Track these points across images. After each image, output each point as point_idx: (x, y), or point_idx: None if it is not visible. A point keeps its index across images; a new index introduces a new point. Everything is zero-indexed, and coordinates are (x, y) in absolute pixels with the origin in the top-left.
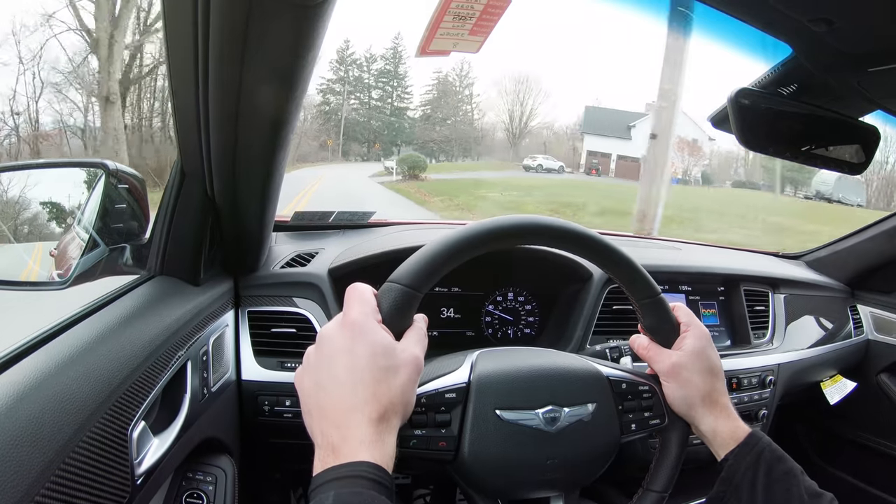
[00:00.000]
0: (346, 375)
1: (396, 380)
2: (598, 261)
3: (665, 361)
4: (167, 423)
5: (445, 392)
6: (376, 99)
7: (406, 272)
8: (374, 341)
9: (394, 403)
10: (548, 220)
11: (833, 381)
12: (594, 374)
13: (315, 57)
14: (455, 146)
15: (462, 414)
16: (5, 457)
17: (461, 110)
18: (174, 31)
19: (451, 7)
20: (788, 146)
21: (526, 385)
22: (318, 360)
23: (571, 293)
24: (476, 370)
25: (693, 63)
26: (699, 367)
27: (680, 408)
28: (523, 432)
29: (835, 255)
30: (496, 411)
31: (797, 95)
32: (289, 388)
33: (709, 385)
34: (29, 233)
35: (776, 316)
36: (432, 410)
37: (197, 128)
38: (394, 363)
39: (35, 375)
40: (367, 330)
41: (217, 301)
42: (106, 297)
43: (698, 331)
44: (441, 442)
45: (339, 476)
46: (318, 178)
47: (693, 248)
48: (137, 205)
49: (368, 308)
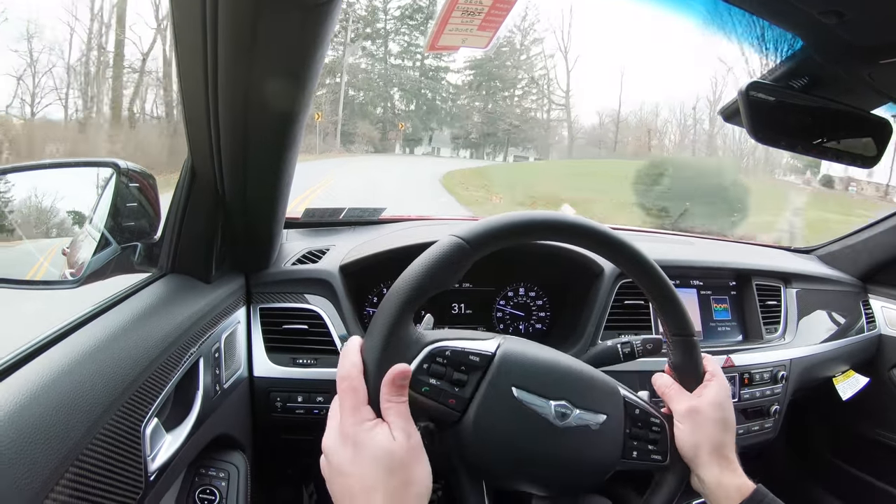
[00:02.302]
0: (360, 490)
1: (409, 476)
2: (646, 283)
3: (683, 403)
4: (180, 420)
5: (470, 353)
6: (396, 55)
7: (468, 228)
8: (374, 444)
9: (412, 496)
10: (607, 230)
11: (845, 376)
12: (612, 389)
13: (323, 55)
14: (519, 137)
15: (479, 380)
16: (20, 454)
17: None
18: (183, 30)
19: (459, 3)
20: (800, 139)
21: (546, 374)
22: (332, 474)
23: (583, 288)
24: (503, 347)
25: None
26: (715, 416)
27: (687, 451)
28: (531, 417)
29: (847, 249)
30: (512, 388)
31: (808, 88)
32: (301, 384)
33: (721, 437)
34: (41, 232)
35: (788, 311)
36: (452, 367)
37: (207, 127)
38: (399, 456)
39: (48, 373)
40: (361, 442)
41: (229, 298)
42: (118, 295)
43: (722, 382)
44: (451, 399)
45: None
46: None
47: (705, 243)
48: (149, 203)
49: (358, 405)
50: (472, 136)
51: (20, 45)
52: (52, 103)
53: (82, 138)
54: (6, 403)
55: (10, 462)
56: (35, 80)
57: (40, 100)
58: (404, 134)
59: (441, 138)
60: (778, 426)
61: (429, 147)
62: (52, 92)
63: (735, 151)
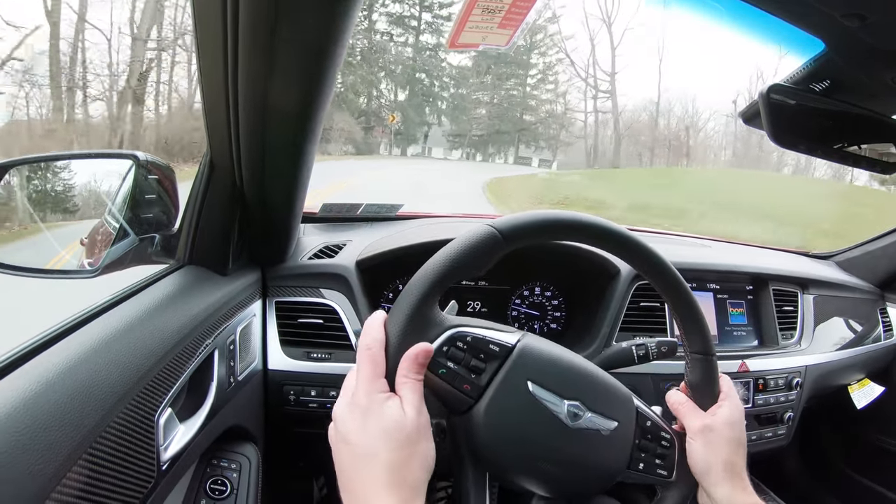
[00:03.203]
0: (363, 457)
1: (411, 447)
2: (673, 299)
3: (697, 421)
4: (193, 411)
5: (491, 342)
6: (385, 31)
7: (503, 220)
8: (384, 416)
9: (415, 472)
10: (647, 245)
11: (861, 384)
12: (627, 397)
13: (343, 49)
14: (534, 136)
15: (496, 369)
16: (34, 440)
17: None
18: (203, 24)
19: (479, 1)
20: (820, 144)
21: (563, 373)
22: (338, 440)
23: (599, 288)
24: (524, 341)
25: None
26: (729, 436)
27: (699, 468)
28: (543, 413)
29: (866, 256)
30: (528, 382)
31: (830, 92)
32: (315, 378)
33: (733, 456)
34: (60, 221)
35: (805, 317)
36: (471, 353)
37: (226, 119)
38: (406, 432)
39: (64, 362)
40: (371, 411)
41: (245, 291)
42: (135, 285)
43: (736, 402)
44: (466, 385)
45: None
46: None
47: (722, 246)
48: (167, 195)
49: (375, 376)
50: (476, 134)
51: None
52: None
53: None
54: (22, 390)
55: (25, 448)
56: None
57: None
58: (394, 129)
59: (436, 136)
60: (791, 433)
61: (421, 146)
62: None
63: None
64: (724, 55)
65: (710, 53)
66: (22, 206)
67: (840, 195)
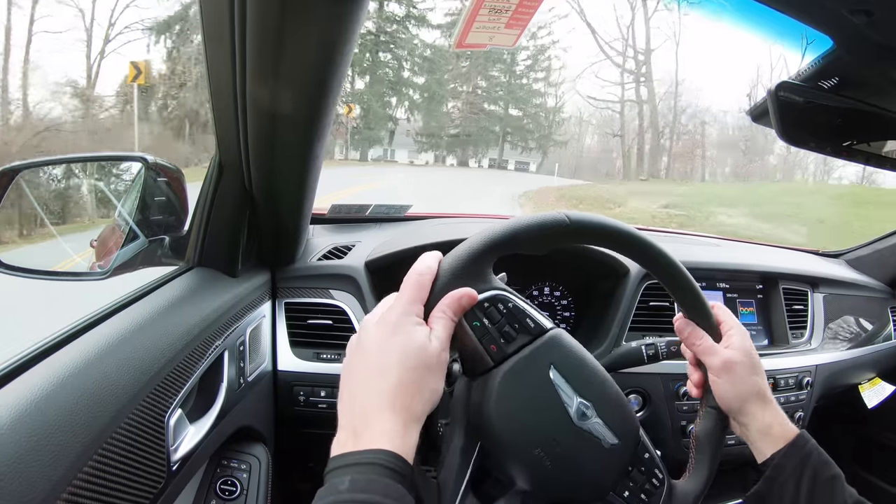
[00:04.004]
0: (376, 369)
1: (425, 377)
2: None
3: (717, 357)
4: (203, 411)
5: (528, 317)
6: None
7: (576, 214)
8: (410, 339)
9: (420, 400)
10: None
11: (871, 384)
12: (635, 424)
13: (350, 51)
14: (522, 135)
15: (526, 343)
16: (43, 441)
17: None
18: (212, 27)
19: (486, 1)
20: (830, 141)
21: (585, 373)
22: (355, 349)
23: (608, 288)
24: (558, 331)
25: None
26: (750, 363)
27: (732, 403)
28: (554, 401)
29: (876, 255)
30: (551, 365)
31: (838, 89)
32: (324, 378)
33: (760, 382)
34: (70, 223)
35: (815, 316)
36: (507, 320)
37: (235, 121)
38: (425, 360)
39: (75, 363)
40: (403, 327)
41: (254, 292)
42: (145, 287)
43: (741, 328)
44: (493, 346)
45: (356, 462)
46: None
47: (732, 245)
48: (176, 197)
49: (415, 300)
50: (451, 133)
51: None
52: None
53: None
54: (34, 391)
55: (36, 448)
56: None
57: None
58: (351, 127)
59: (401, 136)
60: None
61: (385, 147)
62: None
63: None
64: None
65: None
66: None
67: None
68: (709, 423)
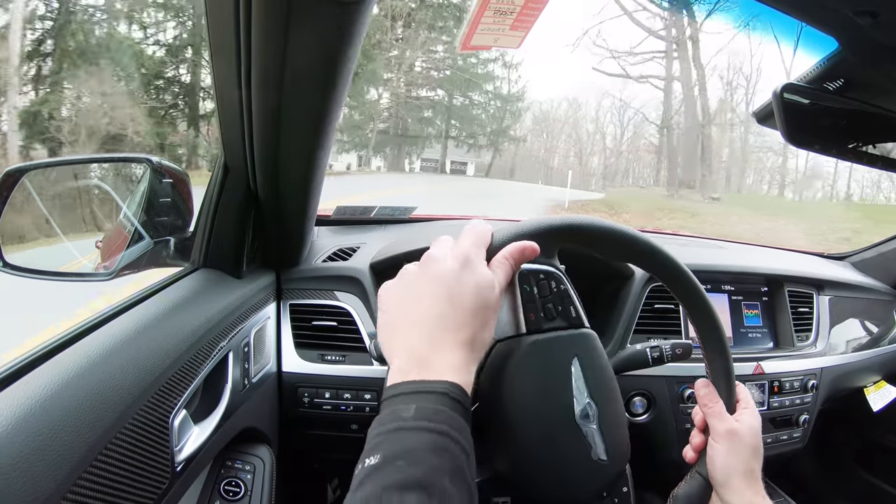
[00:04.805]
0: (447, 296)
1: (490, 317)
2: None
3: (724, 425)
4: (208, 412)
5: (573, 306)
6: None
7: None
8: (482, 275)
9: (484, 337)
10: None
11: (877, 387)
12: (628, 450)
13: (355, 53)
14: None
15: (562, 328)
16: (47, 441)
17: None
18: (217, 29)
19: (491, 2)
20: (834, 143)
21: (604, 382)
22: (419, 275)
23: (613, 290)
24: (592, 331)
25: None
26: (752, 443)
27: (720, 473)
28: (565, 392)
29: (881, 257)
30: (575, 358)
31: (843, 91)
32: (329, 380)
33: (754, 462)
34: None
35: (820, 318)
36: (554, 298)
37: (240, 123)
38: (492, 301)
39: (79, 364)
40: (475, 264)
41: (259, 294)
42: (150, 288)
43: (755, 411)
44: (532, 315)
45: (422, 390)
46: None
47: (737, 248)
48: (181, 199)
49: (479, 244)
50: (379, 128)
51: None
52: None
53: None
54: (39, 391)
55: (41, 448)
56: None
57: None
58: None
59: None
60: (806, 436)
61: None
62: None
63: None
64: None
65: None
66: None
67: None
68: (692, 488)
